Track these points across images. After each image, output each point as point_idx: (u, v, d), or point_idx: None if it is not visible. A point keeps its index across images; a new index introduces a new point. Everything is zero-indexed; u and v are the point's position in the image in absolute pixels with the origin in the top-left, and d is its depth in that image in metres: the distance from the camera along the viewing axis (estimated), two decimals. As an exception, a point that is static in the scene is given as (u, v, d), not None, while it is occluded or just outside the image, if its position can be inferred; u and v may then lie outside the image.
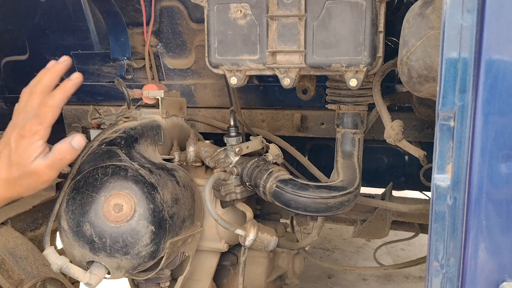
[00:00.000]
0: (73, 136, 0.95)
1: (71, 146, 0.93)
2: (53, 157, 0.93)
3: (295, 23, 1.02)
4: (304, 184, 1.11)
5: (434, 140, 0.71)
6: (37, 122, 0.93)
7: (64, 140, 0.94)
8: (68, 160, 0.95)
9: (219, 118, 1.72)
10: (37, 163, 0.91)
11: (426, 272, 0.75)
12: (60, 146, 0.94)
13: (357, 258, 3.13)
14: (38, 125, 0.93)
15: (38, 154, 0.92)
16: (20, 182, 0.93)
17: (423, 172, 1.66)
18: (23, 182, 0.93)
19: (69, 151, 0.93)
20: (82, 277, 1.06)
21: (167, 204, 1.11)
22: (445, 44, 0.68)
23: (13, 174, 0.92)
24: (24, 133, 0.92)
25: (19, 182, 0.93)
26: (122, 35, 1.60)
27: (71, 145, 0.93)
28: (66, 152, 0.93)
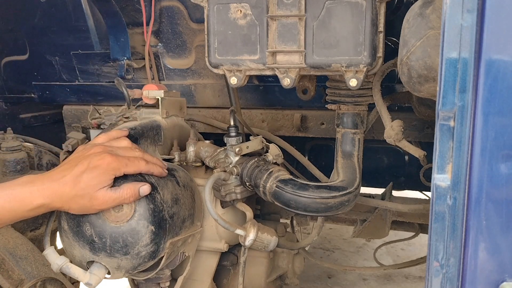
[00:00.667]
0: (144, 184, 1.04)
1: (138, 192, 1.03)
2: (120, 193, 1.01)
3: (295, 23, 1.02)
4: (304, 184, 1.11)
5: (434, 140, 0.71)
6: (124, 162, 1.02)
7: (135, 185, 1.03)
8: (129, 202, 1.03)
9: (219, 118, 1.72)
10: (104, 192, 0.99)
11: (426, 272, 0.75)
12: (129, 187, 1.02)
13: (357, 258, 3.13)
14: (123, 164, 1.02)
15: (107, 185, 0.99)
16: (79, 201, 0.98)
17: (423, 172, 1.66)
18: (81, 202, 0.98)
19: (134, 196, 1.02)
20: (82, 277, 1.06)
21: (167, 204, 1.11)
22: (445, 44, 0.68)
23: (77, 192, 0.97)
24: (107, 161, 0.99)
25: (77, 200, 0.98)
26: (122, 35, 1.60)
27: (139, 191, 1.03)
28: (131, 195, 1.02)
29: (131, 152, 1.08)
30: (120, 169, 1.01)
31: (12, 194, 0.95)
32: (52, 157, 1.53)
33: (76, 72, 1.80)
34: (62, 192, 0.97)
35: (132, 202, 1.03)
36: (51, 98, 1.91)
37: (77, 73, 1.80)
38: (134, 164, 1.04)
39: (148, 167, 1.07)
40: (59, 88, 1.87)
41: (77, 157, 1.02)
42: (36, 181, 0.97)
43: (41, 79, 1.87)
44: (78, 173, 0.97)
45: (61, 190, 0.96)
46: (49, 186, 0.97)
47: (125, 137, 1.13)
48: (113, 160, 1.00)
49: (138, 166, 1.05)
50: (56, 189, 0.96)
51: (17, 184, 0.97)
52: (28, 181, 0.97)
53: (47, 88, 1.89)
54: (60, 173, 0.99)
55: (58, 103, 1.95)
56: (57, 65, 1.81)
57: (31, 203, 0.96)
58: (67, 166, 1.00)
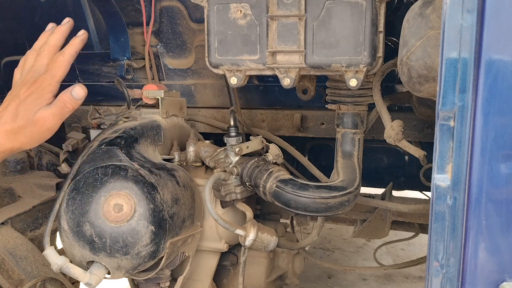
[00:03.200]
0: (74, 86, 1.01)
1: (71, 95, 1.00)
2: (55, 105, 0.98)
3: (295, 23, 1.02)
4: (304, 184, 1.11)
5: (434, 140, 0.71)
6: (49, 76, 1.00)
7: (66, 90, 1.00)
8: (70, 109, 1.00)
9: (219, 118, 1.72)
10: (41, 111, 0.97)
11: (426, 272, 0.75)
12: (62, 95, 1.00)
13: (357, 258, 3.13)
14: (50, 79, 1.00)
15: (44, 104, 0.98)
16: (24, 131, 0.96)
17: (423, 172, 1.66)
18: (27, 131, 0.97)
19: (70, 100, 1.00)
20: (82, 277, 1.06)
21: (167, 204, 1.11)
22: (445, 44, 0.68)
23: (17, 123, 0.95)
24: (35, 87, 0.98)
25: (23, 131, 0.96)
26: (122, 35, 1.60)
27: (71, 95, 1.00)
28: (67, 101, 0.99)
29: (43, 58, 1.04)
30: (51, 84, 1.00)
31: None
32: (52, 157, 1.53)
33: (76, 72, 1.80)
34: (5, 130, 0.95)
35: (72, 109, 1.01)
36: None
37: (77, 73, 1.80)
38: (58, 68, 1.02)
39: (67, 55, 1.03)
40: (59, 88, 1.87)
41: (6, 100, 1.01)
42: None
43: (41, 79, 1.87)
44: (14, 108, 0.96)
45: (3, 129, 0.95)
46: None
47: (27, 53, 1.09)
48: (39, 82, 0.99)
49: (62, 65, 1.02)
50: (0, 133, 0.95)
51: None
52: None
53: (47, 88, 1.89)
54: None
55: (58, 103, 1.95)
56: (57, 65, 1.80)
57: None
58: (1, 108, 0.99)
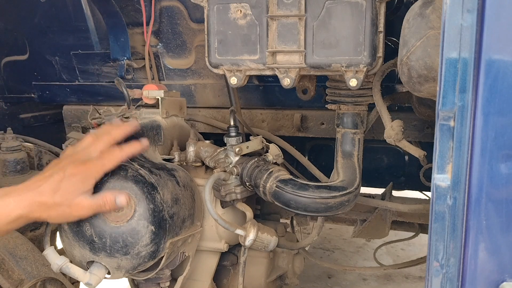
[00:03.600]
0: (120, 194, 1.03)
1: (114, 201, 1.02)
2: (97, 201, 1.00)
3: (295, 23, 1.02)
4: (304, 184, 1.11)
5: (434, 140, 0.71)
6: (100, 164, 1.02)
7: (112, 193, 1.02)
8: (106, 210, 1.03)
9: (219, 118, 1.72)
10: (82, 198, 0.98)
11: (426, 272, 0.75)
12: (106, 194, 1.02)
13: (357, 258, 3.13)
14: (99, 167, 1.02)
15: (86, 191, 0.99)
16: (58, 208, 0.97)
17: (423, 172, 1.66)
18: (60, 210, 0.97)
19: (111, 204, 1.02)
20: (82, 277, 1.06)
21: (167, 204, 1.11)
22: (445, 44, 0.68)
23: (55, 199, 0.96)
24: (83, 169, 0.99)
25: (57, 208, 0.97)
26: (122, 35, 1.60)
27: (115, 201, 1.02)
28: (108, 203, 1.01)
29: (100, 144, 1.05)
30: (98, 172, 1.01)
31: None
32: (52, 157, 1.53)
33: (76, 72, 1.80)
34: (41, 201, 0.95)
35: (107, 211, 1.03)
36: (51, 98, 1.91)
37: (77, 73, 1.80)
38: (109, 160, 1.04)
39: (124, 153, 1.06)
40: (59, 88, 1.87)
41: (51, 169, 1.01)
42: (12, 193, 0.95)
43: (41, 79, 1.87)
44: (56, 182, 0.96)
45: (39, 199, 0.95)
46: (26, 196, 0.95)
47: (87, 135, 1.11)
48: (90, 166, 1.00)
49: (115, 159, 1.05)
50: (34, 199, 0.95)
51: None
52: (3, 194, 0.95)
53: (47, 88, 1.89)
54: (36, 183, 0.97)
55: (58, 103, 1.95)
56: (57, 65, 1.81)
57: (9, 215, 0.94)
58: (41, 177, 0.99)
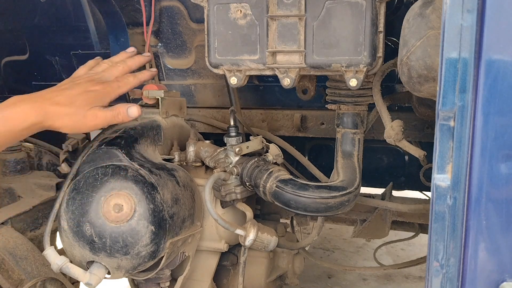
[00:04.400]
0: (132, 105, 1.07)
1: (126, 111, 1.06)
2: (110, 111, 1.04)
3: (295, 23, 1.02)
4: (304, 184, 1.11)
5: (434, 140, 0.71)
6: (116, 86, 1.07)
7: (125, 104, 1.06)
8: (119, 121, 1.07)
9: (219, 118, 1.72)
10: (96, 109, 1.02)
11: (426, 272, 0.75)
12: (119, 106, 1.06)
13: (357, 258, 3.13)
14: (115, 89, 1.06)
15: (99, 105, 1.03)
16: (72, 117, 1.00)
17: (423, 172, 1.66)
18: (74, 118, 1.00)
19: (123, 114, 1.06)
20: (82, 277, 1.06)
21: (167, 204, 1.11)
22: (445, 44, 0.68)
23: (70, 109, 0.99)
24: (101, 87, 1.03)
25: (71, 116, 1.00)
26: (122, 35, 1.60)
27: (127, 111, 1.06)
28: (120, 113, 1.05)
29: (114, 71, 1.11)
30: (114, 92, 1.05)
31: (6, 116, 0.94)
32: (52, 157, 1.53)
33: (76, 72, 1.80)
34: (56, 110, 0.97)
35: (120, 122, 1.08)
36: (51, 98, 1.91)
37: (77, 73, 1.80)
38: (124, 84, 1.09)
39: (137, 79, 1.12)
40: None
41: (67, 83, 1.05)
42: (27, 100, 0.97)
43: (41, 79, 1.87)
44: (72, 94, 1.00)
45: (55, 109, 0.97)
46: (41, 104, 0.97)
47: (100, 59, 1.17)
48: (107, 86, 1.04)
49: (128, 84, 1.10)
50: (50, 107, 0.97)
51: (6, 105, 0.96)
52: (18, 101, 0.97)
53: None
54: (52, 93, 1.00)
55: (58, 103, 1.95)
56: (57, 65, 1.81)
57: (25, 121, 0.95)
58: (57, 88, 1.02)
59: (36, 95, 0.99)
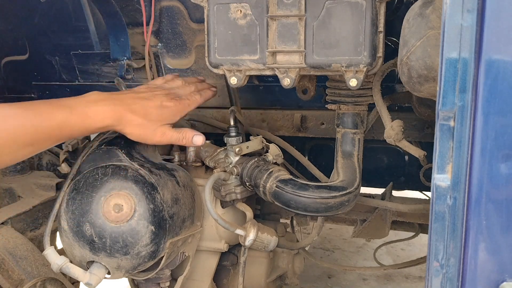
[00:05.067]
0: (198, 134, 1.12)
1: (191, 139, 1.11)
2: (177, 134, 1.09)
3: (295, 23, 1.02)
4: (304, 184, 1.11)
5: (434, 140, 0.71)
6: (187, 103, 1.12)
7: (192, 131, 1.12)
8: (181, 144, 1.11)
9: (219, 118, 1.72)
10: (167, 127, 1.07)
11: (426, 272, 0.75)
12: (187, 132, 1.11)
13: (357, 258, 3.13)
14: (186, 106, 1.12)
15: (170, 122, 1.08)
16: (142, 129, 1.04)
17: (423, 172, 1.66)
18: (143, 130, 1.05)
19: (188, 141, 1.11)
20: (82, 277, 1.06)
21: (167, 204, 1.11)
22: (445, 44, 0.68)
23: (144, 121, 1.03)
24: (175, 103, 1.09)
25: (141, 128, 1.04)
26: (122, 35, 1.60)
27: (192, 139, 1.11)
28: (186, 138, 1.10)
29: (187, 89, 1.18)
30: (184, 110, 1.12)
31: (86, 113, 0.98)
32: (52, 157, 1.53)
33: (76, 72, 1.80)
34: (131, 118, 1.02)
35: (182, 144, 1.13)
36: (51, 98, 1.91)
37: (77, 73, 1.80)
38: (193, 102, 1.15)
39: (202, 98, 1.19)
40: (59, 88, 1.87)
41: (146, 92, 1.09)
42: (108, 101, 1.01)
43: (41, 79, 1.87)
44: (149, 106, 1.04)
45: (130, 116, 1.02)
46: (120, 109, 1.01)
47: (177, 76, 1.24)
48: (179, 103, 1.10)
49: (196, 102, 1.16)
50: (126, 114, 1.01)
51: (87, 101, 1.00)
52: (100, 99, 1.01)
53: (47, 88, 1.89)
54: (131, 100, 1.04)
55: (58, 103, 1.95)
56: (57, 65, 1.81)
57: (102, 122, 1.00)
58: (136, 95, 1.06)
59: (117, 97, 1.04)
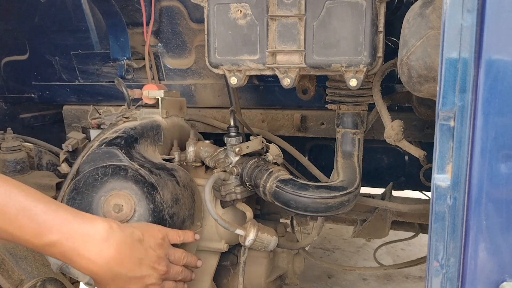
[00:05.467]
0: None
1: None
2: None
3: (295, 23, 1.02)
4: (304, 184, 1.11)
5: (434, 140, 0.71)
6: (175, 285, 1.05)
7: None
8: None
9: (219, 118, 1.72)
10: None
11: (426, 272, 0.75)
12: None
13: (357, 258, 3.13)
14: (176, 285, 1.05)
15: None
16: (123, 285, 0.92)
17: (423, 172, 1.66)
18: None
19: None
20: (82, 277, 1.06)
21: (167, 204, 1.11)
22: (445, 44, 0.68)
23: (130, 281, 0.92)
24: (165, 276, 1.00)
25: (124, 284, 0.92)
26: (122, 35, 1.60)
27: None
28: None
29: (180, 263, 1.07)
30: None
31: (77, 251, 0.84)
32: (52, 157, 1.53)
33: (76, 72, 1.80)
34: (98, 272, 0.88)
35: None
36: (51, 98, 1.91)
37: (77, 73, 1.80)
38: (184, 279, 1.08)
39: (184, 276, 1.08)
40: (59, 88, 1.87)
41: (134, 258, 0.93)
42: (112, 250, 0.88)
43: (41, 79, 1.87)
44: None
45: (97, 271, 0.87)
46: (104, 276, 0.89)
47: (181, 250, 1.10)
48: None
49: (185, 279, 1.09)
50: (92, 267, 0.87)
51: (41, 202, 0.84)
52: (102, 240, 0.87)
53: (47, 88, 1.89)
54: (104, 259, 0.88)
55: (58, 103, 1.95)
56: (57, 65, 1.81)
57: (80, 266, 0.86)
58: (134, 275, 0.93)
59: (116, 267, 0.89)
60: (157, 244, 0.99)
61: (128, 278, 0.92)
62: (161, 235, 1.02)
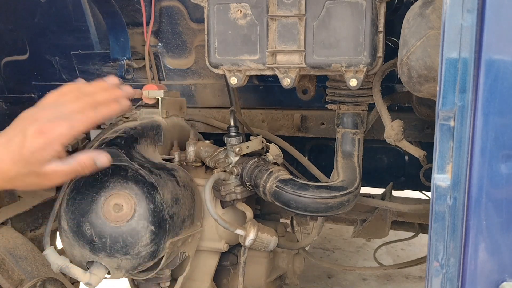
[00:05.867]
0: (99, 153, 0.89)
1: (94, 162, 0.87)
2: (72, 166, 0.85)
3: (295, 23, 1.02)
4: (304, 184, 1.11)
5: (434, 140, 0.71)
6: (68, 125, 0.83)
7: (88, 153, 0.88)
8: (85, 173, 0.89)
9: (219, 118, 1.72)
10: (53, 166, 0.83)
11: (426, 272, 0.75)
12: (83, 157, 0.87)
13: (357, 258, 3.13)
14: (67, 128, 0.83)
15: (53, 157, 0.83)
16: (24, 178, 0.83)
17: (423, 172, 1.66)
18: (27, 180, 0.83)
19: (90, 166, 0.88)
20: (82, 277, 1.06)
21: (167, 204, 1.11)
22: (445, 44, 0.68)
23: (20, 170, 0.81)
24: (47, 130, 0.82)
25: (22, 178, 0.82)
26: (122, 35, 1.60)
27: (95, 162, 0.87)
28: (87, 166, 0.87)
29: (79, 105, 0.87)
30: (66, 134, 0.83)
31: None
32: (52, 157, 1.53)
33: (76, 72, 1.80)
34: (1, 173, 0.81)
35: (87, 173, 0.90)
36: (51, 98, 1.91)
37: (77, 73, 1.80)
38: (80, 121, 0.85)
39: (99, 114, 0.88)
40: None
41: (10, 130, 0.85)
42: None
43: (41, 79, 1.87)
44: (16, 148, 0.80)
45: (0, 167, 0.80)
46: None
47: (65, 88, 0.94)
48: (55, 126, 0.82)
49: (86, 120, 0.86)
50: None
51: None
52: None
53: (47, 88, 1.88)
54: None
55: (58, 103, 1.95)
56: (57, 65, 1.81)
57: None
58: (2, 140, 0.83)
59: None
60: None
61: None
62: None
